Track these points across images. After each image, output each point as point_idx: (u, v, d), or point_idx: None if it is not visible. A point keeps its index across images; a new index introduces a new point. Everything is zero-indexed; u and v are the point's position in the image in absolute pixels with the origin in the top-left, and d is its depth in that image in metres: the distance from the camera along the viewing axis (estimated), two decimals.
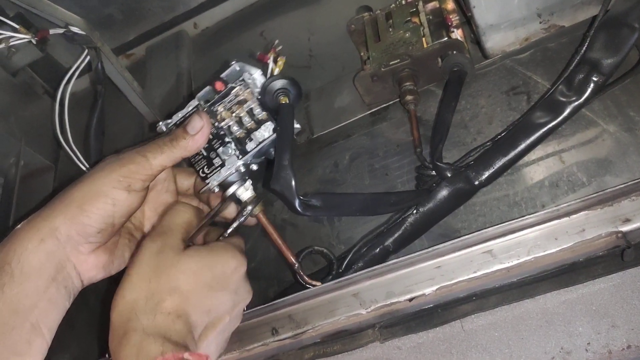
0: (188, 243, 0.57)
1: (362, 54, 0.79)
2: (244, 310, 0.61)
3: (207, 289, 0.54)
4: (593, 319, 0.53)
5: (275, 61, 0.61)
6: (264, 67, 0.61)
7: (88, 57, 0.79)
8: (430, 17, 0.73)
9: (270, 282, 0.75)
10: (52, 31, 0.76)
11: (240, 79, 0.61)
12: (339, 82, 0.84)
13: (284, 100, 0.60)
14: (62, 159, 0.98)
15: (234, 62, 0.61)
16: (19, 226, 0.53)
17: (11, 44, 0.76)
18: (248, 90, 0.61)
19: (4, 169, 0.91)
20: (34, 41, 0.77)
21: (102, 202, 0.53)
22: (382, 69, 0.72)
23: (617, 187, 0.53)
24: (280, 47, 0.62)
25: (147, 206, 0.62)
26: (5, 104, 0.92)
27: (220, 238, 0.62)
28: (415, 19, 0.74)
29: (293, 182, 0.56)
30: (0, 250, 0.51)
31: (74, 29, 0.75)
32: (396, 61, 0.71)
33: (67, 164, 0.86)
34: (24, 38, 0.76)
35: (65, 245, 0.53)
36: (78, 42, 0.77)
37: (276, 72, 0.61)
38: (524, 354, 0.54)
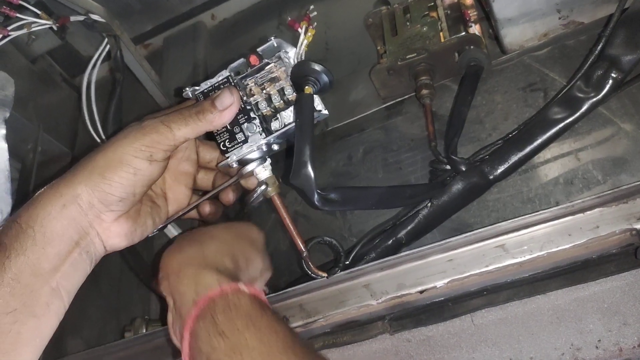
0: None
1: (378, 47, 0.79)
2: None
3: (240, 239, 0.60)
4: (604, 317, 0.53)
5: (306, 31, 0.58)
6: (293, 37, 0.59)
7: (108, 46, 0.80)
8: (448, 12, 0.73)
9: (281, 273, 0.76)
10: (72, 18, 0.77)
11: (277, 55, 0.59)
12: (354, 75, 0.84)
13: (308, 90, 0.57)
14: (79, 146, 1.00)
15: (272, 38, 0.59)
16: (41, 190, 0.53)
17: (32, 29, 0.77)
18: (282, 68, 0.59)
19: (22, 155, 0.92)
20: (55, 27, 0.78)
21: (124, 170, 0.53)
22: (399, 63, 0.72)
23: (633, 185, 0.53)
24: (314, 14, 0.59)
25: (168, 174, 0.62)
26: (24, 90, 0.93)
27: None
28: (433, 14, 0.74)
29: (313, 178, 0.55)
30: (24, 212, 0.51)
31: (94, 17, 0.76)
32: (413, 55, 0.71)
33: (84, 150, 0.86)
34: (45, 24, 0.77)
35: (87, 212, 0.53)
36: (98, 30, 0.78)
37: (305, 43, 0.58)
38: (533, 349, 0.54)
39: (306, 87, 0.57)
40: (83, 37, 1.02)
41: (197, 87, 0.61)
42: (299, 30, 0.58)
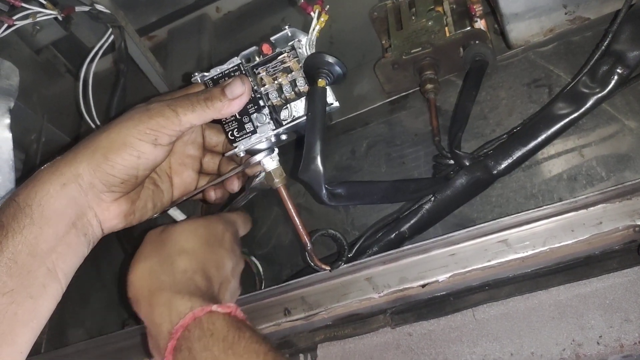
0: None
1: (383, 41, 0.79)
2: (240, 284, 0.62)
3: (208, 245, 0.58)
4: (606, 313, 0.53)
5: (318, 16, 0.56)
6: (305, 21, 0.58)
7: (112, 37, 0.80)
8: (454, 6, 0.73)
9: (284, 266, 0.76)
10: (77, 9, 0.77)
11: (290, 45, 0.57)
12: (359, 69, 0.83)
13: (321, 83, 0.55)
14: (82, 136, 0.99)
15: (286, 27, 0.57)
16: (42, 168, 0.53)
17: (38, 19, 0.77)
18: (296, 59, 0.57)
19: (26, 145, 0.93)
20: (60, 17, 0.78)
21: (128, 153, 0.52)
22: (404, 57, 0.71)
23: (636, 182, 0.53)
24: None
25: (173, 157, 0.62)
26: (29, 80, 0.93)
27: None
28: (439, 8, 0.74)
29: (322, 174, 0.55)
30: (22, 190, 0.51)
31: (99, 7, 0.76)
32: (418, 49, 0.70)
33: None
34: (50, 14, 0.77)
35: (87, 192, 0.52)
36: (102, 21, 0.78)
37: (317, 29, 0.57)
38: (535, 344, 0.54)
39: (319, 79, 0.56)
40: (88, 28, 1.01)
41: (206, 73, 0.60)
42: (312, 14, 0.57)
